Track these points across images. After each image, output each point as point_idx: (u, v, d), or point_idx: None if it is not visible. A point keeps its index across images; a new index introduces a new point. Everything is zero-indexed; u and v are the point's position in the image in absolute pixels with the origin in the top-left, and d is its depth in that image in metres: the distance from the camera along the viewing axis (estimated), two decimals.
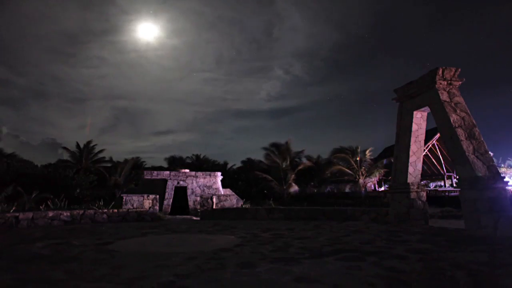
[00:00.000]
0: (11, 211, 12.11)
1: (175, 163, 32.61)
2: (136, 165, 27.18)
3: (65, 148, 26.94)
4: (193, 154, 35.29)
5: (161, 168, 30.17)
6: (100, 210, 13.04)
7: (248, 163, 31.74)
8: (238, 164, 33.83)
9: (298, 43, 74.40)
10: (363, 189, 23.55)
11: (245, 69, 79.16)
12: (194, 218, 15.85)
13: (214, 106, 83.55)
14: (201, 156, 34.70)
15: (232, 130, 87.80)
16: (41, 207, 13.70)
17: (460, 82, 9.52)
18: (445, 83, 9.40)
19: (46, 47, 63.79)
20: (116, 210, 13.29)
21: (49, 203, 14.35)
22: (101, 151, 27.75)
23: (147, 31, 66.45)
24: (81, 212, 12.52)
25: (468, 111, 9.11)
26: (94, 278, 3.83)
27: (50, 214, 11.82)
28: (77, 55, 70.51)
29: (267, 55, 76.08)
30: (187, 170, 21.55)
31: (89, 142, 27.30)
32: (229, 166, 33.40)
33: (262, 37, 73.53)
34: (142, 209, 14.07)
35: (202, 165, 31.43)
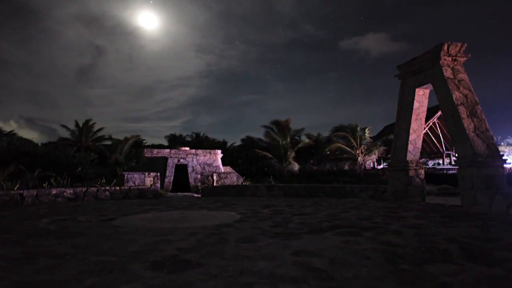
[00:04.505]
0: (15, 188, 12.31)
1: (175, 141, 32.80)
2: (136, 144, 27.27)
3: (64, 126, 26.94)
4: (192, 132, 35.52)
5: (161, 146, 30.35)
6: (103, 188, 13.25)
7: (248, 141, 31.84)
8: (238, 143, 33.97)
9: None
10: (362, 167, 23.79)
11: None
12: (195, 195, 16.14)
13: (275, 35, 56.14)
14: (201, 134, 34.83)
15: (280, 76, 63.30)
16: (44, 184, 13.90)
17: (465, 58, 9.30)
18: (450, 59, 9.19)
19: None
20: (118, 188, 13.51)
21: (52, 181, 14.56)
22: (100, 129, 27.81)
23: None
24: (84, 189, 12.73)
25: (471, 88, 8.98)
26: (101, 252, 3.96)
27: (54, 191, 12.03)
28: None
29: None
30: (187, 148, 21.65)
31: (88, 121, 27.24)
32: (229, 144, 33.55)
33: None
34: (143, 187, 14.29)
35: (202, 143, 31.55)
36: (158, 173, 16.17)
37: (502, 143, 30.42)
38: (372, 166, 29.16)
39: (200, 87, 63.58)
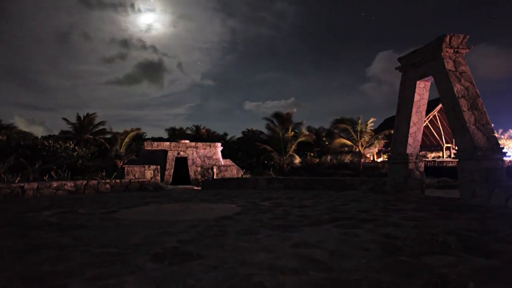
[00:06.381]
0: (16, 181, 12.36)
1: (175, 134, 32.81)
2: (137, 137, 27.27)
3: (65, 119, 26.89)
4: (193, 125, 35.52)
5: (161, 139, 30.38)
6: (103, 181, 13.29)
7: (249, 133, 31.84)
8: (239, 135, 33.98)
9: None
10: (362, 160, 23.83)
11: None
12: (195, 188, 16.21)
13: None
14: (201, 127, 34.81)
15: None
16: (45, 177, 13.95)
17: (468, 50, 9.21)
18: (452, 51, 9.10)
19: None
20: (118, 181, 13.56)
21: (52, 173, 14.61)
22: (101, 122, 27.76)
23: None
24: (85, 182, 12.78)
25: (473, 81, 8.92)
26: (102, 244, 4.00)
27: (55, 184, 12.07)
28: None
29: None
30: (187, 141, 21.65)
31: (89, 114, 27.19)
32: (229, 137, 33.56)
33: None
34: (144, 180, 14.34)
35: (201, 136, 31.55)
36: (158, 166, 16.22)
37: (503, 136, 30.39)
38: (372, 159, 29.21)
39: (217, 62, 52.98)
